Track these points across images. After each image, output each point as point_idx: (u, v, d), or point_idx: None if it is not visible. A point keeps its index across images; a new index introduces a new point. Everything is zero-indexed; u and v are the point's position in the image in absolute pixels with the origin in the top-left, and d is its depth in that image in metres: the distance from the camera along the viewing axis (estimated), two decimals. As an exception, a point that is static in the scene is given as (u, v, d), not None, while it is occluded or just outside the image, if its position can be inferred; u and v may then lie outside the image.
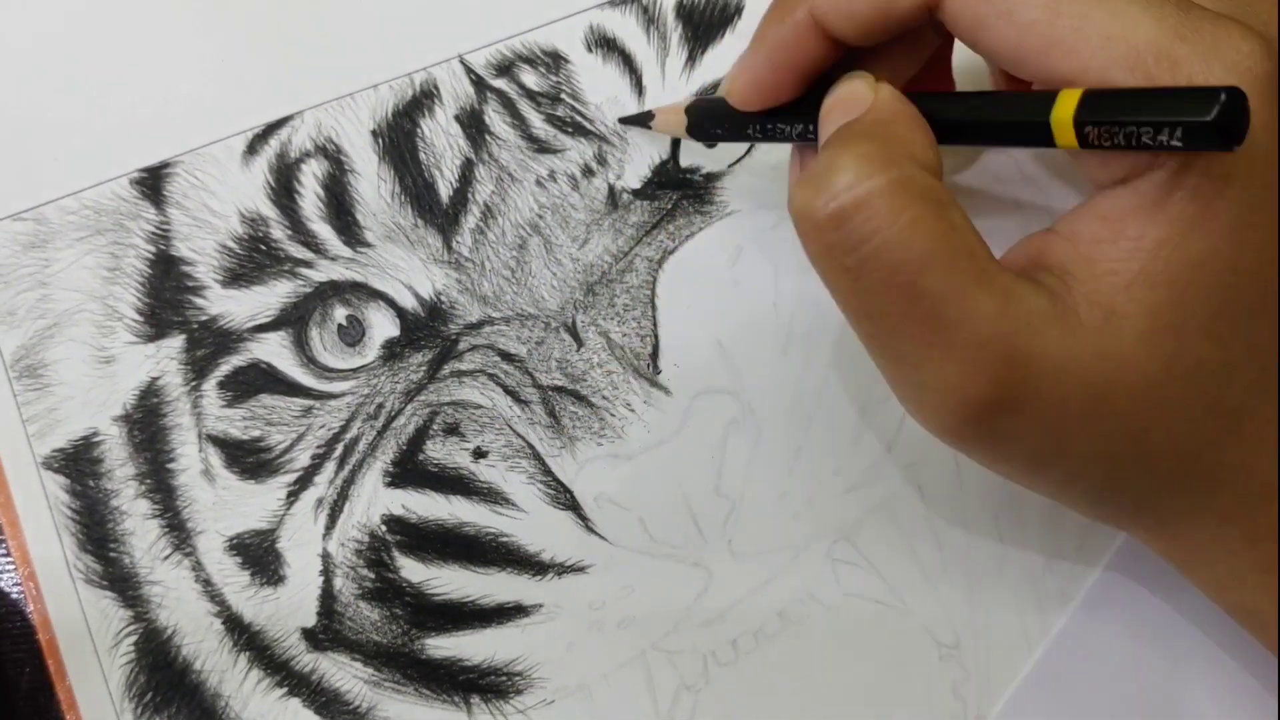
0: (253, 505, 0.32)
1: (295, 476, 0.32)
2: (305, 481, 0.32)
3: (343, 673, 0.31)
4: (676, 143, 0.34)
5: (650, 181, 0.33)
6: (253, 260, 0.32)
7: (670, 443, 0.32)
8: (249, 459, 0.32)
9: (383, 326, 0.32)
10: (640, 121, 0.33)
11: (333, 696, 0.31)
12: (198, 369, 0.32)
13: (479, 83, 0.34)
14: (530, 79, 0.34)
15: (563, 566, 0.32)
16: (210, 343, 0.32)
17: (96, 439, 0.32)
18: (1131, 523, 0.27)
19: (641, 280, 0.33)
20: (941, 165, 0.25)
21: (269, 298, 0.32)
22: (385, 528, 0.32)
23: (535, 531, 0.32)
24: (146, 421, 0.32)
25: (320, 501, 0.32)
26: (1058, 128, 0.23)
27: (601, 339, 0.32)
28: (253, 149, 0.33)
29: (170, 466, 0.32)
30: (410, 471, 0.32)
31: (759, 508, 0.32)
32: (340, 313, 0.32)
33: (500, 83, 0.34)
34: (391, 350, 0.32)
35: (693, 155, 0.34)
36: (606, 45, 0.34)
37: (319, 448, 0.32)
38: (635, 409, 0.32)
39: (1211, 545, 0.26)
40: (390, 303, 0.32)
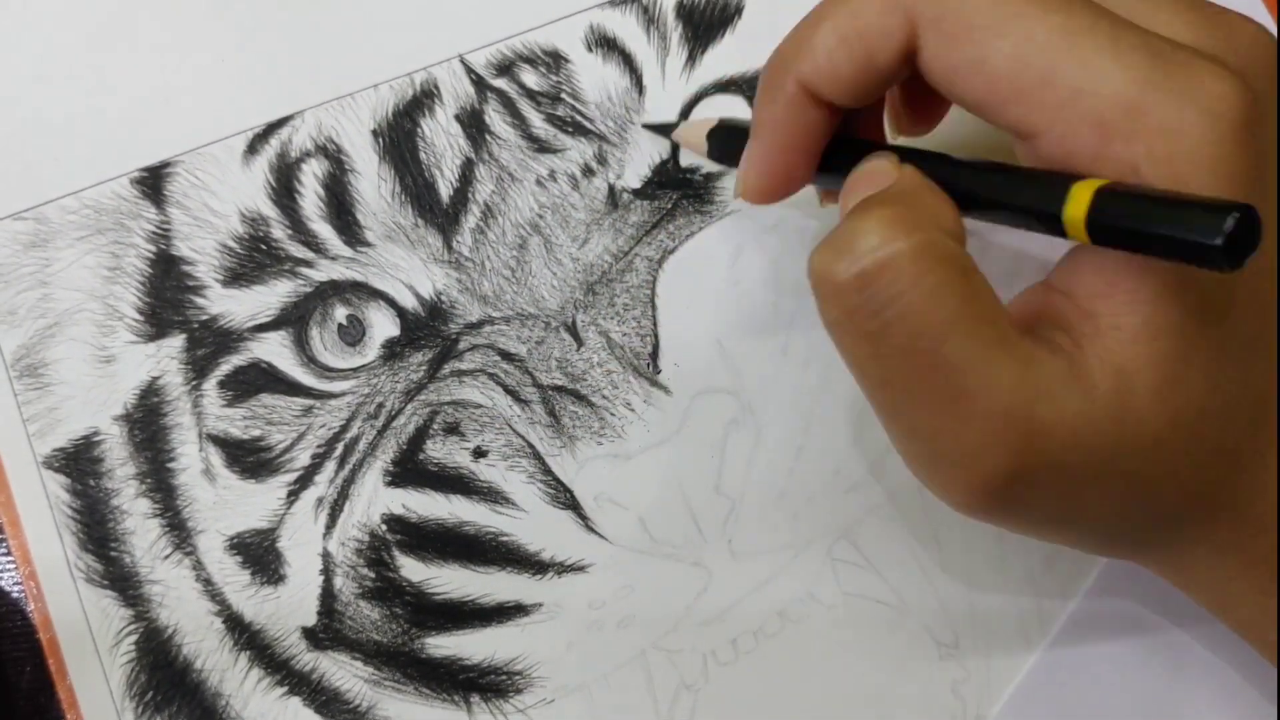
0: (253, 504, 0.32)
1: (295, 476, 0.32)
2: (305, 481, 0.32)
3: (343, 672, 0.31)
4: (676, 143, 0.34)
5: (650, 181, 0.33)
6: (253, 260, 0.33)
7: (670, 442, 0.32)
8: (249, 458, 0.32)
9: (383, 326, 0.32)
10: (663, 131, 0.33)
11: (333, 695, 0.31)
12: (198, 368, 0.32)
13: (479, 82, 0.34)
14: (530, 79, 0.34)
15: (563, 566, 0.32)
16: (211, 342, 0.32)
17: (97, 438, 0.32)
18: (1136, 558, 0.28)
19: (641, 280, 0.33)
20: (965, 237, 0.24)
21: (269, 297, 0.32)
22: (385, 527, 0.32)
23: (535, 531, 0.32)
24: (147, 421, 0.32)
25: (320, 501, 0.32)
26: (1070, 224, 0.22)
27: (601, 338, 0.32)
28: (253, 149, 0.33)
29: (171, 466, 0.32)
30: (410, 471, 0.32)
31: (759, 507, 0.32)
32: (340, 312, 0.32)
33: (500, 82, 0.34)
34: (392, 350, 0.32)
35: (693, 156, 0.34)
36: (607, 45, 0.34)
37: (319, 447, 0.32)
38: (635, 408, 0.32)
39: (1211, 572, 0.27)
40: (390, 302, 0.32)
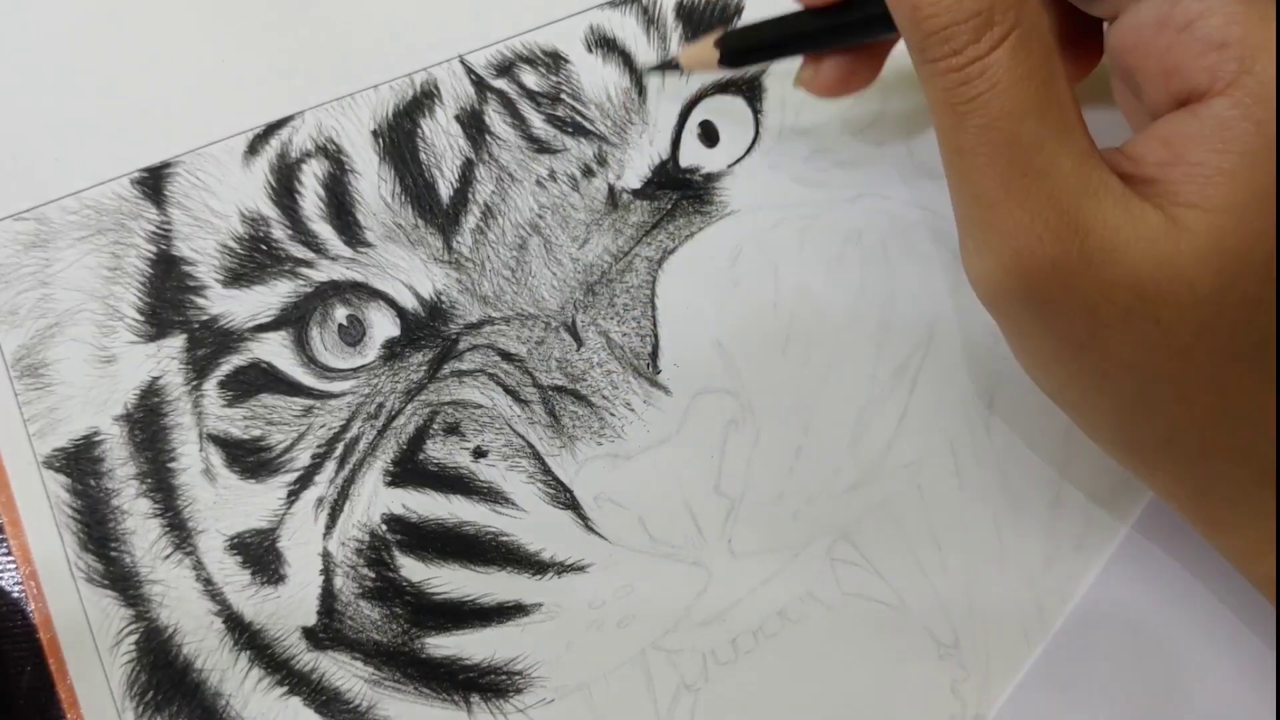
0: (253, 504, 0.32)
1: (296, 476, 0.32)
2: (306, 481, 0.32)
3: (343, 672, 0.31)
4: (677, 143, 0.34)
5: (650, 181, 0.33)
6: (253, 260, 0.33)
7: (670, 442, 0.32)
8: (250, 458, 0.32)
9: (383, 326, 0.32)
10: (669, 68, 0.33)
11: (333, 695, 0.31)
12: (198, 368, 0.32)
13: (479, 83, 0.34)
14: (530, 79, 0.34)
15: (562, 566, 0.32)
16: (211, 342, 0.32)
17: (97, 438, 0.32)
18: (1157, 467, 0.27)
19: (641, 280, 0.33)
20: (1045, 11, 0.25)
21: (270, 297, 0.32)
22: (385, 527, 0.32)
23: (535, 531, 0.32)
24: (147, 421, 0.32)
25: (321, 501, 0.32)
26: None
27: (601, 339, 0.32)
28: (253, 149, 0.33)
29: (171, 466, 0.32)
30: (410, 471, 0.32)
31: (759, 507, 0.32)
32: (341, 312, 0.32)
33: (500, 83, 0.34)
34: (392, 350, 0.32)
35: (693, 155, 0.34)
36: (606, 45, 0.34)
37: (319, 447, 0.32)
38: (635, 408, 0.32)
39: (1239, 508, 0.26)
40: (391, 302, 0.32)
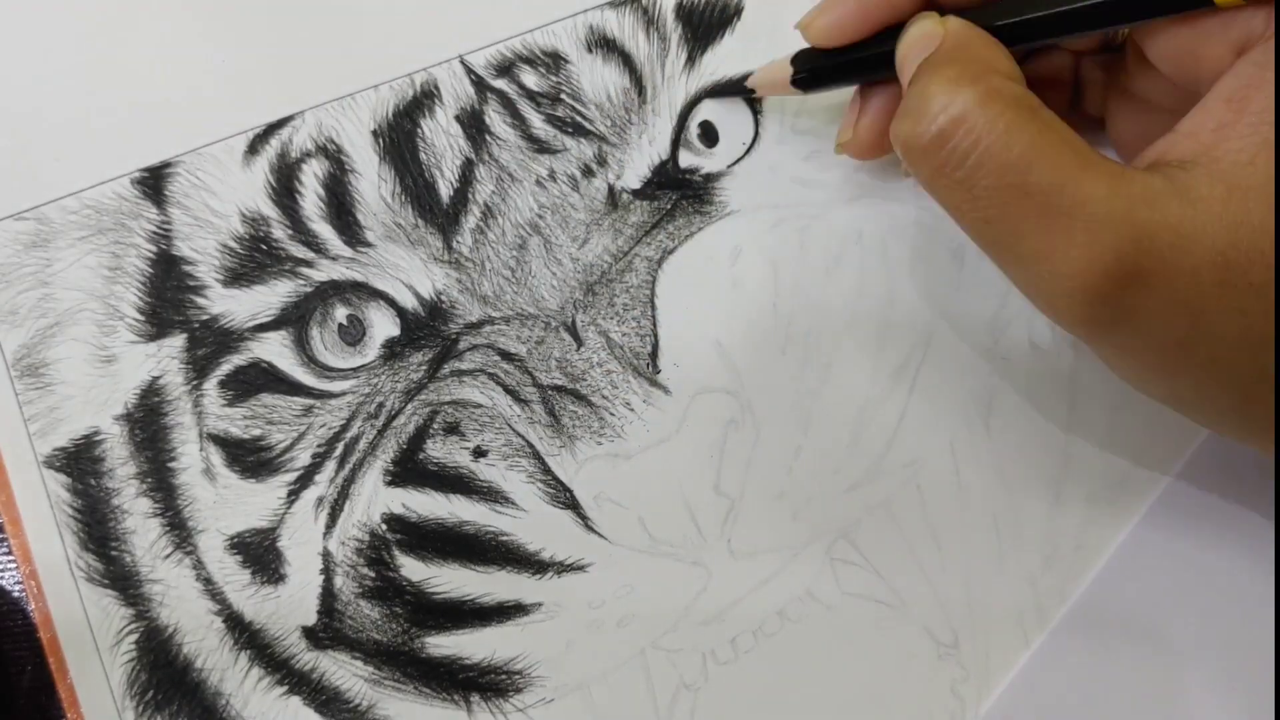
0: (253, 504, 0.32)
1: (296, 475, 0.32)
2: (306, 480, 0.32)
3: (343, 671, 0.31)
4: (676, 143, 0.34)
5: (650, 182, 0.33)
6: (254, 260, 0.33)
7: (669, 442, 0.32)
8: (250, 458, 0.32)
9: (383, 326, 0.33)
10: (732, 91, 0.33)
11: (333, 695, 0.31)
12: (199, 368, 0.32)
13: (479, 83, 0.34)
14: (530, 79, 0.34)
15: (562, 565, 0.32)
16: (211, 342, 0.32)
17: (98, 438, 0.32)
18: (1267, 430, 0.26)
19: (641, 280, 0.33)
20: (1023, 77, 0.26)
21: (270, 297, 0.32)
22: (385, 526, 0.32)
23: (535, 530, 0.32)
24: (148, 420, 0.32)
25: (321, 500, 0.32)
26: None
27: (601, 338, 0.32)
28: (254, 149, 0.33)
29: (171, 465, 0.32)
30: (410, 470, 0.32)
31: (758, 507, 0.32)
32: (341, 312, 0.32)
33: (500, 83, 0.34)
34: (392, 349, 0.32)
35: (692, 157, 0.34)
36: (606, 46, 0.34)
37: (319, 447, 0.32)
38: (635, 408, 0.32)
39: None
40: (391, 302, 0.33)
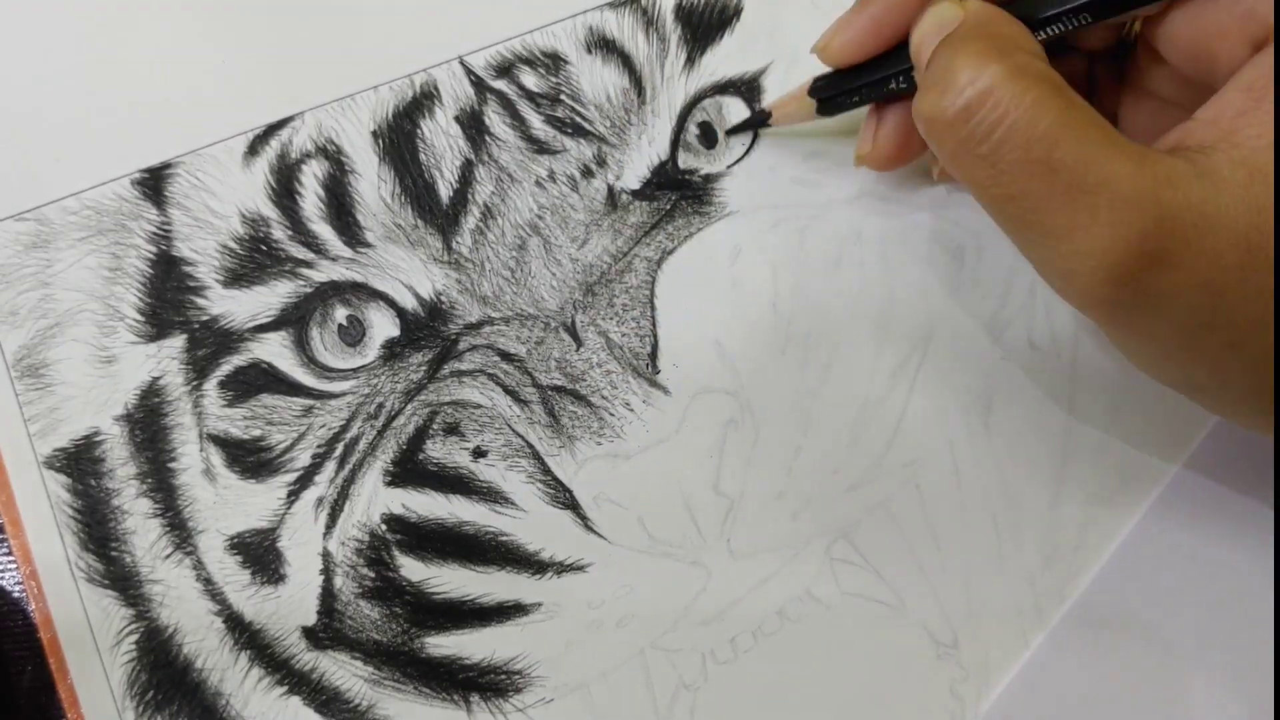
0: (253, 504, 0.32)
1: (296, 476, 0.32)
2: (306, 481, 0.32)
3: (343, 671, 0.31)
4: (675, 144, 0.34)
5: (649, 182, 0.34)
6: (254, 260, 0.33)
7: (669, 442, 0.32)
8: (250, 458, 0.32)
9: (383, 326, 0.33)
10: (753, 126, 0.33)
11: (333, 695, 0.31)
12: (199, 369, 0.32)
13: (479, 84, 0.34)
14: (530, 80, 0.34)
15: (562, 565, 0.32)
16: (211, 342, 0.32)
17: (98, 438, 0.32)
18: None
19: (640, 280, 0.33)
20: (1046, 56, 0.26)
21: (270, 298, 0.32)
22: (385, 527, 0.32)
23: (534, 530, 0.32)
24: (148, 421, 0.32)
25: (321, 500, 0.32)
26: None
27: (601, 339, 0.33)
28: (254, 150, 0.33)
29: (171, 466, 0.32)
30: (410, 471, 0.32)
31: (757, 507, 0.32)
32: (341, 313, 0.32)
33: (500, 84, 0.34)
34: (392, 350, 0.32)
35: (692, 158, 0.34)
36: (606, 47, 0.34)
37: (319, 447, 0.32)
38: (634, 408, 0.32)
39: None
40: (390, 303, 0.33)
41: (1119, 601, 0.33)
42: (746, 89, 0.34)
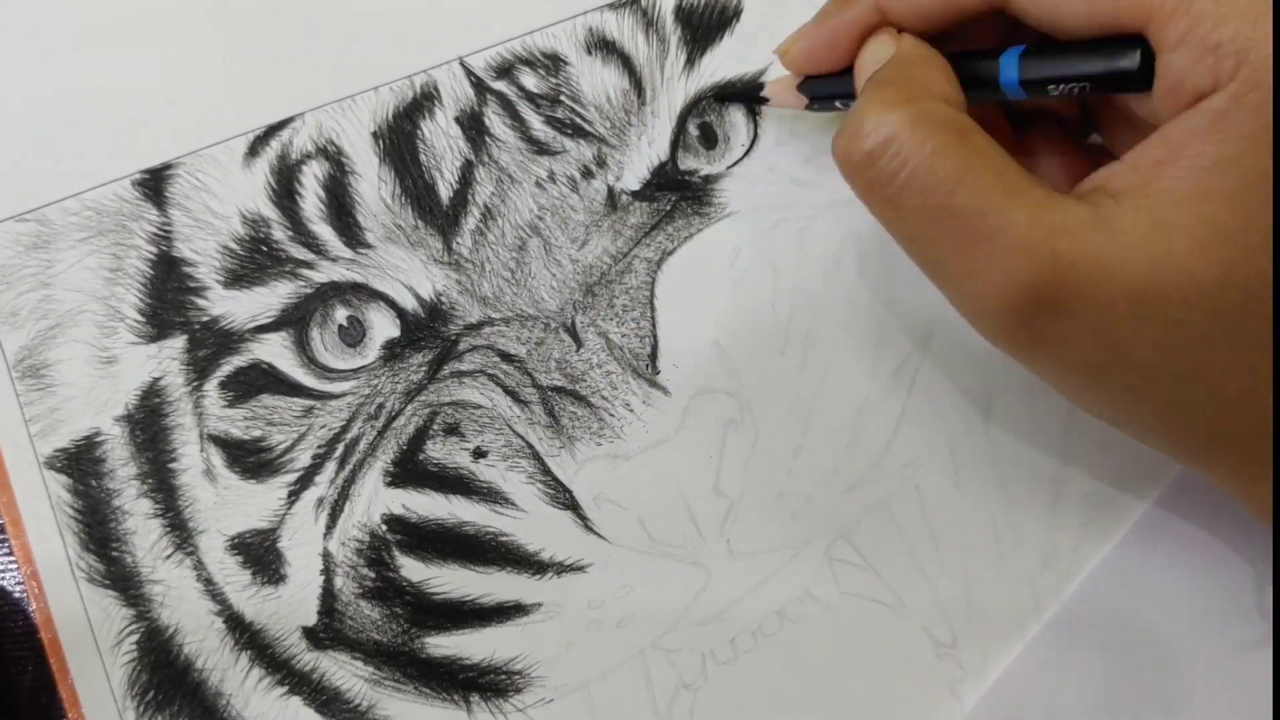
0: (254, 505, 0.32)
1: (296, 476, 0.32)
2: (306, 481, 0.32)
3: (343, 671, 0.31)
4: (675, 144, 0.34)
5: (649, 183, 0.34)
6: (254, 261, 0.33)
7: (669, 442, 0.32)
8: (250, 459, 0.32)
9: (383, 327, 0.33)
10: (746, 95, 0.34)
11: (333, 695, 0.31)
12: (199, 369, 0.32)
13: (479, 85, 0.34)
14: (530, 81, 0.34)
15: (562, 566, 0.32)
16: (212, 343, 0.32)
17: (99, 439, 0.32)
18: (1212, 462, 0.27)
19: (640, 281, 0.33)
20: (964, 100, 0.27)
21: (270, 298, 0.33)
22: (386, 527, 0.32)
23: (535, 531, 0.32)
24: (148, 421, 0.32)
25: (321, 501, 0.32)
26: (1006, 85, 0.27)
27: (601, 339, 0.33)
28: (254, 150, 0.33)
29: (172, 466, 0.32)
30: (410, 471, 0.32)
31: (757, 507, 0.32)
32: (341, 313, 0.33)
33: (500, 85, 0.34)
34: (392, 351, 0.32)
35: (691, 159, 0.34)
36: (606, 48, 0.34)
37: (320, 447, 0.32)
38: (634, 409, 0.32)
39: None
40: (391, 303, 0.33)
41: (1117, 601, 0.33)
42: (746, 90, 0.34)
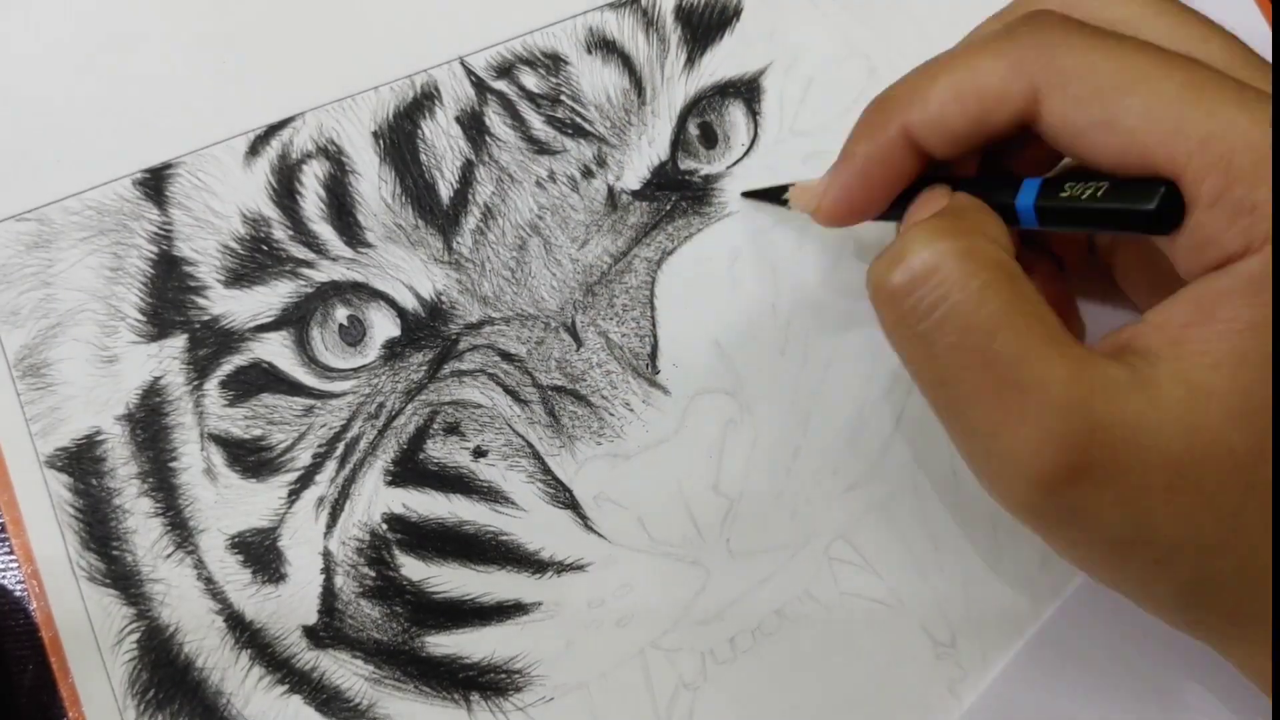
0: (254, 504, 0.32)
1: (296, 475, 0.32)
2: (306, 480, 0.32)
3: (343, 670, 0.31)
4: (675, 144, 0.34)
5: (649, 183, 0.34)
6: (254, 260, 0.33)
7: (669, 442, 0.32)
8: (251, 458, 0.32)
9: (383, 326, 0.33)
10: (770, 197, 0.33)
11: (333, 694, 0.31)
12: (200, 368, 0.32)
13: (479, 84, 0.34)
14: (530, 81, 0.34)
15: (562, 565, 0.32)
16: (212, 342, 0.32)
17: (99, 438, 0.32)
18: (1229, 635, 0.25)
19: (640, 281, 0.33)
20: (1014, 249, 0.25)
21: (271, 298, 0.33)
22: (386, 526, 0.32)
23: (535, 530, 0.32)
24: (149, 420, 0.32)
25: (321, 500, 0.32)
26: (1021, 211, 0.26)
27: (601, 339, 0.33)
28: (255, 150, 0.33)
29: (172, 465, 0.32)
30: (411, 470, 0.32)
31: (757, 507, 0.32)
32: (341, 313, 0.33)
33: (500, 84, 0.34)
34: (392, 350, 0.33)
35: (691, 159, 0.34)
36: (606, 47, 0.34)
37: (320, 447, 0.32)
38: (634, 408, 0.32)
39: None
40: (391, 303, 0.33)
41: (1116, 601, 0.33)
42: (746, 90, 0.34)
